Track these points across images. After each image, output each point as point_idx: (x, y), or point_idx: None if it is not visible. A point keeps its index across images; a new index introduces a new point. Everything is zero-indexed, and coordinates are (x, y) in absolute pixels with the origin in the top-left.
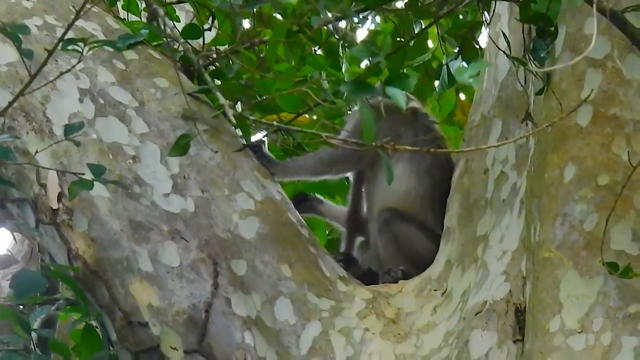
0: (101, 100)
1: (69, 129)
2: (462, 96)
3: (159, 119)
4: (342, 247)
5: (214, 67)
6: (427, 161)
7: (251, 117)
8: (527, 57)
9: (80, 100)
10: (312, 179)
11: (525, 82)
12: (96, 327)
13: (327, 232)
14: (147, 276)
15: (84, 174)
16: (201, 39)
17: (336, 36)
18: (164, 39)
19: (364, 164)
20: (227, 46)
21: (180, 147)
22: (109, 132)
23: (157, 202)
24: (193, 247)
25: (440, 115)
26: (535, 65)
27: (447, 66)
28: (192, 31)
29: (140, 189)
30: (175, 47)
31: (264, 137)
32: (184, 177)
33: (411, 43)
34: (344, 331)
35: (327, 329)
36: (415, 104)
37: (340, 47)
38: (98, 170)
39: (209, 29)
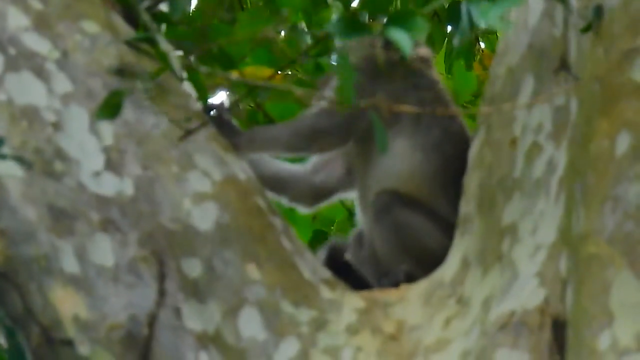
0: (12, 51)
1: None
2: (483, 46)
3: (87, 75)
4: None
5: (159, 10)
6: (435, 134)
7: (203, 70)
8: None
9: None
10: (286, 156)
11: (564, 27)
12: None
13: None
14: (72, 279)
15: None
16: None
17: None
18: None
19: (354, 139)
20: None
21: (111, 107)
22: (22, 91)
23: (85, 183)
24: (132, 242)
25: (458, 100)
26: None
27: (467, 5)
28: None
29: (62, 165)
30: None
31: (226, 99)
32: (120, 151)
33: None
34: (329, 351)
35: (307, 347)
36: (424, 51)
37: None
38: None
39: None
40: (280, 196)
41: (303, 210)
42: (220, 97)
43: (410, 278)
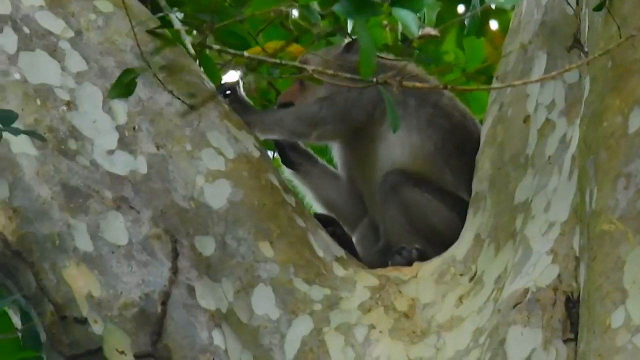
0: (26, 30)
1: None
2: (494, 24)
3: (100, 54)
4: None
5: None
6: (427, 111)
7: (216, 47)
8: None
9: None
10: (291, 140)
11: (577, 3)
12: (18, 329)
13: None
14: (86, 258)
15: None
16: None
17: None
18: None
19: (354, 128)
20: None
21: (124, 86)
22: (36, 70)
23: (99, 162)
24: (145, 220)
25: (468, 66)
26: None
27: None
28: None
29: (76, 144)
30: None
31: (239, 77)
32: (134, 129)
33: None
34: (342, 329)
35: (321, 326)
36: (430, 30)
37: None
38: (8, 117)
39: None
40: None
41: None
42: (234, 76)
43: (423, 256)
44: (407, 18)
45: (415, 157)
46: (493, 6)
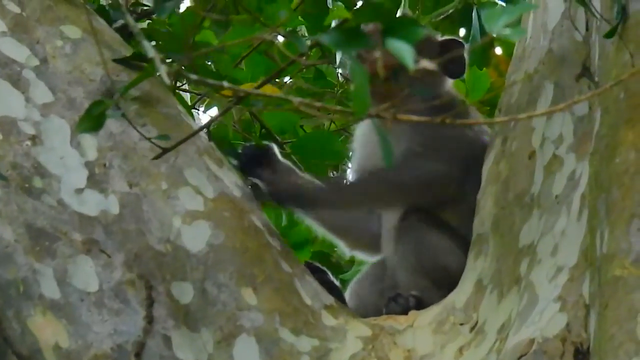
0: None
1: None
2: (499, 50)
3: (68, 84)
4: None
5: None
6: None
7: (194, 78)
8: None
9: None
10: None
11: (587, 29)
12: None
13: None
14: (53, 305)
15: None
16: None
17: None
18: None
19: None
20: None
21: (94, 118)
22: None
23: (66, 201)
24: (117, 265)
25: (470, 98)
26: None
27: (477, 10)
28: None
29: (42, 182)
30: None
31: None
32: (104, 165)
33: None
34: None
35: None
36: (427, 64)
37: None
38: None
39: None
40: (340, 241)
41: (366, 258)
42: (212, 112)
43: (421, 303)
44: (401, 49)
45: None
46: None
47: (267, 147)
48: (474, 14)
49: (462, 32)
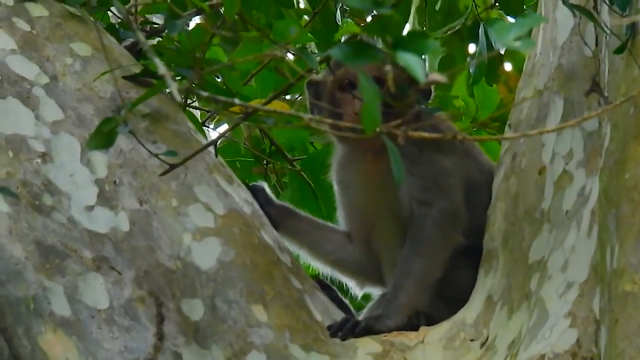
0: None
1: None
2: (508, 66)
3: (78, 101)
4: None
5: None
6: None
7: (204, 94)
8: (598, 7)
9: None
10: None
11: (596, 44)
12: None
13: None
14: (63, 323)
15: None
16: None
17: None
18: None
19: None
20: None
21: (104, 136)
22: (7, 119)
23: (76, 218)
24: (127, 282)
25: (479, 115)
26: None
27: (484, 25)
28: None
29: (52, 199)
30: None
31: None
32: (114, 183)
33: None
34: None
35: None
36: (437, 77)
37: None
38: None
39: None
40: (350, 282)
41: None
42: (222, 128)
43: (430, 320)
44: (411, 62)
45: None
46: (502, 51)
47: (251, 187)
48: (481, 30)
49: (471, 47)
